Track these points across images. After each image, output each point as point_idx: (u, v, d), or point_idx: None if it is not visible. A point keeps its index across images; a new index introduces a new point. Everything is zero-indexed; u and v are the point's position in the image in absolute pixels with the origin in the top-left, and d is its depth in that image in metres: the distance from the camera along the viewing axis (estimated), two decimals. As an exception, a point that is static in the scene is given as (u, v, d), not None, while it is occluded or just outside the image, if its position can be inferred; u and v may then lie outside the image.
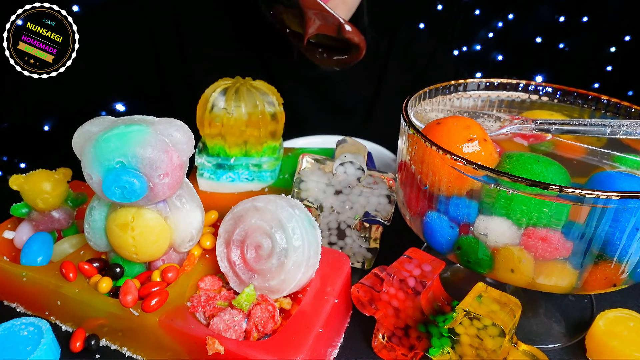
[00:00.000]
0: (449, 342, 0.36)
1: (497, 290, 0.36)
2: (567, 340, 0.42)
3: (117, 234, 0.38)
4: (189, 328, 0.36)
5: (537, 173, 0.35)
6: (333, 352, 0.40)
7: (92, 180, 0.36)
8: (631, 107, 0.46)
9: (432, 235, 0.39)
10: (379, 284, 0.38)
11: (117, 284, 0.40)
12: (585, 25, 0.86)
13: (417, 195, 0.40)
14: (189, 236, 0.41)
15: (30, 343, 0.36)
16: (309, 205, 0.47)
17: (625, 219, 0.31)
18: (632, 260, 0.33)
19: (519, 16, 0.87)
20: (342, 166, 0.46)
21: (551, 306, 0.46)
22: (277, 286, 0.37)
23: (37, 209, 0.45)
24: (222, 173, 0.54)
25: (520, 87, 0.50)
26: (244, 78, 0.54)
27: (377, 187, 0.46)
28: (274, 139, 0.55)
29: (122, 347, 0.39)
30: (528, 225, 0.33)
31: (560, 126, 0.42)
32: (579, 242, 0.33)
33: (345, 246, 0.49)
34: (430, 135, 0.38)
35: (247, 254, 0.38)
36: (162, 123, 0.37)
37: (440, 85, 0.48)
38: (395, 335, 0.39)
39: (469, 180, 0.35)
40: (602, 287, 0.36)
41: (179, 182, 0.38)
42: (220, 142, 0.53)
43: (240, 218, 0.39)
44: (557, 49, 0.87)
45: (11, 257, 0.44)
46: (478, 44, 0.89)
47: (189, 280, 0.40)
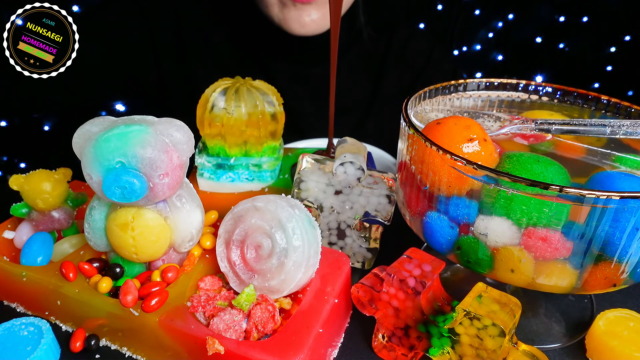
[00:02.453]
0: (449, 342, 0.36)
1: (497, 290, 0.36)
2: (567, 340, 0.42)
3: (117, 234, 0.38)
4: (189, 328, 0.36)
5: (537, 173, 0.35)
6: (333, 352, 0.40)
7: (92, 180, 0.36)
8: (631, 107, 0.46)
9: (432, 235, 0.39)
10: (379, 284, 0.38)
11: (117, 284, 0.40)
12: (585, 25, 0.86)
13: (417, 195, 0.40)
14: (189, 236, 0.41)
15: (30, 343, 0.36)
16: (309, 205, 0.47)
17: (625, 219, 0.31)
18: (632, 260, 0.33)
19: (519, 16, 0.87)
20: (342, 166, 0.46)
21: (551, 306, 0.46)
22: (277, 286, 0.37)
23: (37, 209, 0.45)
24: (222, 173, 0.54)
25: (520, 87, 0.50)
26: (244, 78, 0.54)
27: (377, 187, 0.46)
28: (274, 139, 0.55)
29: (122, 347, 0.39)
30: (528, 225, 0.33)
31: (560, 126, 0.42)
32: (579, 242, 0.33)
33: (345, 246, 0.49)
34: (430, 135, 0.38)
35: (247, 254, 0.38)
36: (162, 123, 0.37)
37: (440, 85, 0.48)
38: (395, 335, 0.39)
39: (469, 180, 0.35)
40: (602, 287, 0.36)
41: (179, 182, 0.38)
42: (220, 142, 0.53)
43: (240, 218, 0.39)
44: (557, 49, 0.87)
45: (11, 257, 0.44)
46: (478, 44, 0.89)
47: (189, 280, 0.40)
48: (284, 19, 0.72)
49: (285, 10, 0.72)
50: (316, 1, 0.70)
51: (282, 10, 0.72)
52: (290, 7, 0.71)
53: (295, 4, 0.70)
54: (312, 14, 0.71)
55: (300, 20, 0.72)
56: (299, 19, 0.72)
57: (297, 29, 0.72)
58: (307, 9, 0.71)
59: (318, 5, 0.71)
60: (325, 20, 0.73)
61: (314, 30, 0.73)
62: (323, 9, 0.72)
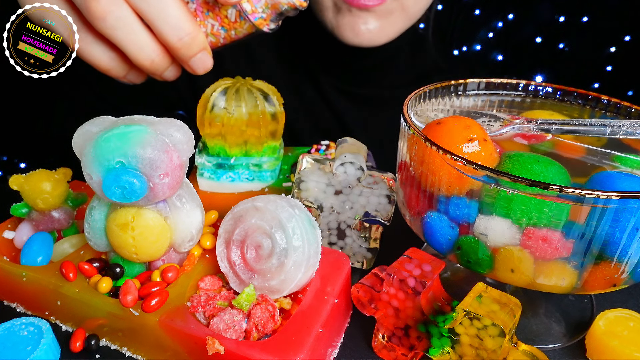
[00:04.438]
0: (449, 342, 0.36)
1: (497, 290, 0.36)
2: (567, 340, 0.42)
3: (117, 234, 0.38)
4: (189, 328, 0.36)
5: (537, 173, 0.35)
6: (333, 352, 0.40)
7: (92, 180, 0.36)
8: (631, 107, 0.46)
9: (432, 235, 0.39)
10: (379, 284, 0.38)
11: (117, 284, 0.40)
12: (585, 25, 0.86)
13: (417, 195, 0.40)
14: (189, 236, 0.41)
15: (30, 343, 0.36)
16: (309, 205, 0.47)
17: (625, 219, 0.31)
18: (632, 260, 0.33)
19: (519, 16, 0.87)
20: (342, 166, 0.46)
21: (551, 306, 0.46)
22: (277, 286, 0.37)
23: (37, 209, 0.45)
24: (222, 173, 0.54)
25: (520, 87, 0.50)
26: (244, 78, 0.54)
27: (377, 187, 0.46)
28: (274, 139, 0.55)
29: (122, 347, 0.39)
30: (528, 225, 0.33)
31: (560, 126, 0.42)
32: (579, 242, 0.33)
33: (345, 246, 0.49)
34: (430, 135, 0.38)
35: (247, 254, 0.38)
36: (162, 123, 0.37)
37: (440, 85, 0.48)
38: (395, 335, 0.39)
39: (469, 180, 0.35)
40: (602, 287, 0.36)
41: (179, 182, 0.38)
42: (221, 142, 0.53)
43: (240, 218, 0.39)
44: (557, 49, 0.87)
45: (11, 257, 0.44)
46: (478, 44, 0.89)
47: (189, 280, 0.40)
48: (337, 25, 0.65)
49: (339, 16, 0.65)
50: (375, 9, 0.62)
51: (336, 16, 0.65)
52: (345, 13, 0.64)
53: (351, 9, 0.63)
54: (368, 23, 0.64)
55: (355, 27, 0.64)
56: (354, 26, 0.64)
57: (351, 38, 0.65)
58: (363, 15, 0.63)
59: (377, 14, 0.64)
60: (384, 32, 0.66)
61: (368, 40, 0.66)
62: (383, 19, 0.65)
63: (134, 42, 0.43)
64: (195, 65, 0.47)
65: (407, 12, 0.67)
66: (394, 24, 0.67)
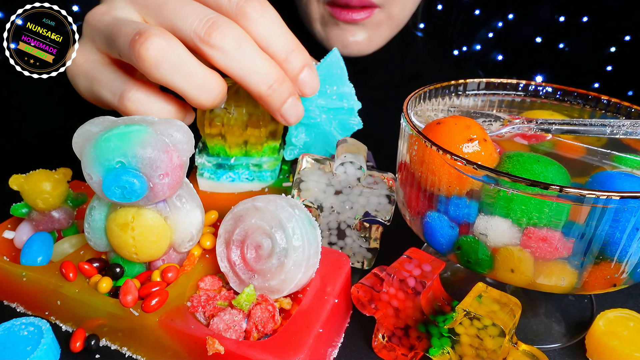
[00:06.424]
0: (449, 342, 0.36)
1: (497, 290, 0.36)
2: (567, 340, 0.42)
3: (117, 234, 0.38)
4: (189, 328, 0.36)
5: (537, 173, 0.35)
6: (333, 352, 0.40)
7: (92, 180, 0.36)
8: (631, 107, 0.46)
9: (432, 235, 0.39)
10: (379, 284, 0.38)
11: (117, 284, 0.40)
12: (585, 25, 0.86)
13: (417, 195, 0.40)
14: (189, 236, 0.41)
15: (30, 343, 0.36)
16: (309, 205, 0.47)
17: (625, 219, 0.31)
18: (632, 260, 0.34)
19: (519, 16, 0.87)
20: (342, 166, 0.46)
21: (551, 306, 0.46)
22: (277, 286, 0.37)
23: (37, 209, 0.45)
24: (222, 173, 0.54)
25: (520, 87, 0.50)
26: None
27: (377, 187, 0.46)
28: (274, 139, 0.55)
29: (122, 347, 0.39)
30: (528, 225, 0.33)
31: (560, 126, 0.42)
32: (579, 242, 0.33)
33: (345, 246, 0.49)
34: (430, 135, 0.38)
35: (247, 254, 0.38)
36: (162, 123, 0.37)
37: (440, 85, 0.48)
38: (395, 335, 0.39)
39: (469, 180, 0.35)
40: (602, 287, 0.36)
41: (179, 182, 0.38)
42: (221, 142, 0.53)
43: (240, 218, 0.39)
44: (557, 49, 0.87)
45: (11, 257, 0.44)
46: (478, 44, 0.89)
47: (189, 280, 0.40)
48: (326, 37, 0.67)
49: (327, 28, 0.65)
50: (363, 22, 0.63)
51: (324, 28, 0.66)
52: (332, 26, 0.65)
53: (339, 23, 0.64)
54: (357, 35, 0.65)
55: (344, 40, 0.65)
56: (342, 39, 0.65)
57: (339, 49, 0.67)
58: (351, 29, 0.64)
59: (365, 27, 0.65)
60: (372, 42, 0.67)
61: (357, 52, 0.67)
62: (371, 31, 0.66)
63: (193, 85, 0.40)
64: (288, 113, 0.44)
65: (395, 21, 0.67)
66: (381, 34, 0.68)
